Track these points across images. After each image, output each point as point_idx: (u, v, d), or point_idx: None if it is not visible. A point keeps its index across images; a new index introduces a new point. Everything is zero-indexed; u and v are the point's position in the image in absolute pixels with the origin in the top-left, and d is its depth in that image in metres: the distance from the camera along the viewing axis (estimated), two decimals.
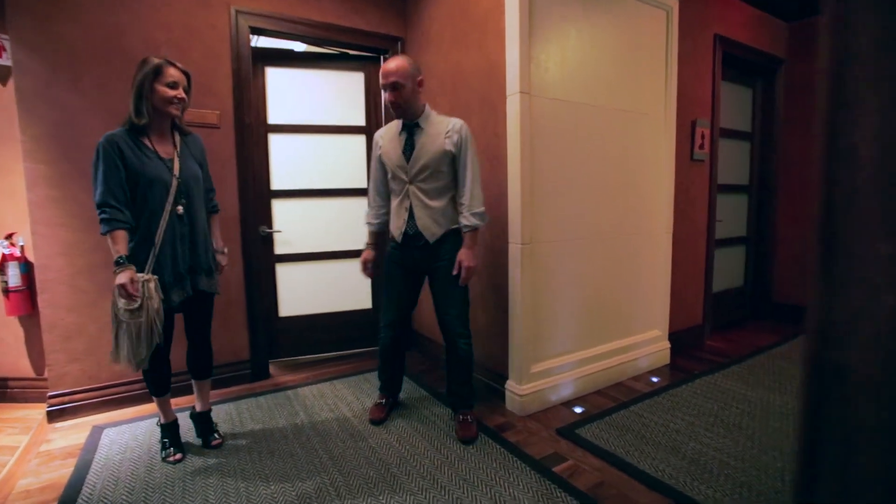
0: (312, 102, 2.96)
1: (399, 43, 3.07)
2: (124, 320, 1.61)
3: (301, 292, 3.06)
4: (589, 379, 2.50)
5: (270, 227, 2.90)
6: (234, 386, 2.66)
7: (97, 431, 2.15)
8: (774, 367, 2.82)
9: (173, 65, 1.69)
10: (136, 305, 1.60)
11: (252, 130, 2.67)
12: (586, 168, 2.43)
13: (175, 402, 2.39)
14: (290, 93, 2.92)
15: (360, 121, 3.14)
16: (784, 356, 3.02)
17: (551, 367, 2.36)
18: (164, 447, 1.92)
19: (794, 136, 3.78)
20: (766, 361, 2.94)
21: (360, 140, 3.15)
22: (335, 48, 3.00)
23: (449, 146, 1.96)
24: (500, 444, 1.97)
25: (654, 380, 2.68)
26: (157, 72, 1.65)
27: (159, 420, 1.97)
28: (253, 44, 2.68)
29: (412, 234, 2.03)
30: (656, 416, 2.22)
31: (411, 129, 2.02)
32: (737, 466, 1.79)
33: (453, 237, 2.04)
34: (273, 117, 2.88)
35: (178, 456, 1.89)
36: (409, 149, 2.00)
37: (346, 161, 3.10)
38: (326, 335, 3.14)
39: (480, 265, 2.52)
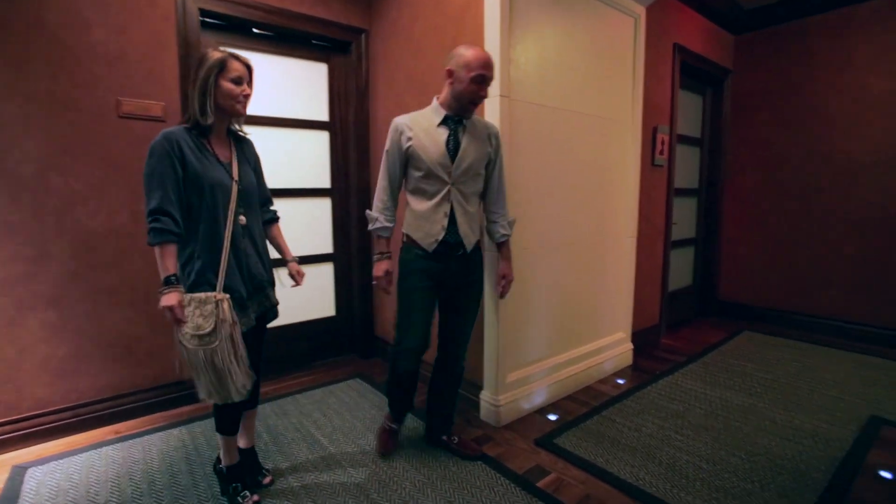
0: (271, 93, 2.73)
1: (363, 35, 2.91)
2: (193, 347, 1.39)
3: None
4: (561, 384, 2.51)
5: None
6: (185, 406, 2.42)
7: (19, 472, 1.85)
8: (727, 365, 2.98)
9: (237, 58, 1.51)
10: (209, 329, 1.39)
11: None
12: (562, 174, 2.42)
13: (97, 433, 2.16)
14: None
15: (324, 115, 2.95)
16: (733, 353, 3.20)
17: (526, 375, 2.34)
18: (230, 492, 1.65)
19: (738, 142, 4.00)
20: (718, 359, 3.10)
21: (323, 137, 2.96)
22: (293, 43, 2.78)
23: (490, 149, 1.84)
24: (482, 461, 1.92)
25: (620, 381, 2.74)
26: (222, 66, 1.46)
27: (219, 463, 1.73)
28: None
29: (452, 243, 1.78)
30: (627, 420, 2.27)
31: (456, 125, 1.78)
32: (710, 470, 1.85)
33: (478, 248, 1.91)
34: None
35: (257, 497, 1.66)
36: (453, 145, 1.76)
37: (307, 159, 2.91)
38: (288, 349, 2.93)
39: None
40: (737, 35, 3.95)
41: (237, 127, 1.65)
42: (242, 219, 1.54)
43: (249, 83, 1.55)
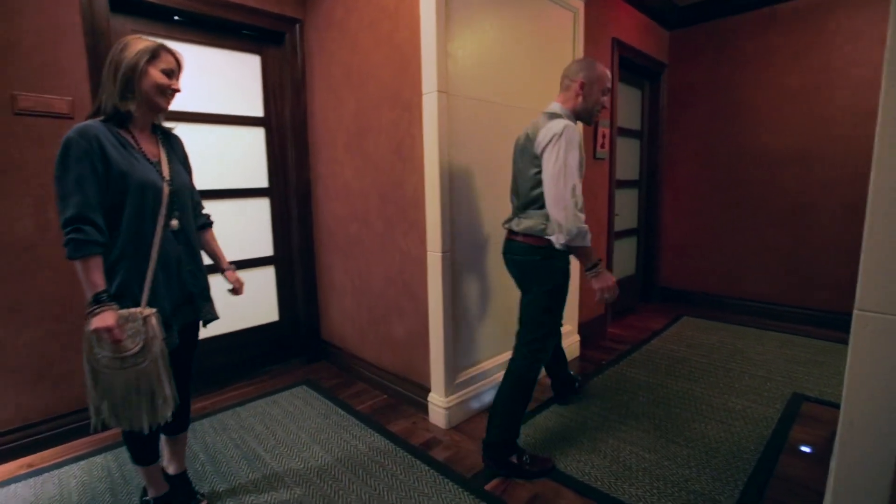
0: (199, 87, 2.53)
1: (297, 25, 2.76)
2: (112, 370, 1.24)
3: None
4: None
5: None
6: (110, 429, 2.23)
7: None
8: (667, 351, 3.10)
9: (169, 51, 1.39)
10: (137, 349, 1.24)
11: None
12: (503, 169, 2.39)
13: (5, 469, 1.96)
14: None
15: (258, 111, 2.78)
16: (674, 339, 3.34)
17: (474, 374, 2.33)
18: None
19: (675, 135, 4.16)
20: (660, 345, 3.22)
21: (258, 134, 2.79)
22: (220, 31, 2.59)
23: None
24: (430, 465, 1.89)
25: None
26: (154, 55, 1.34)
27: (145, 495, 1.57)
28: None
29: None
30: (574, 413, 2.31)
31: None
32: (651, 459, 1.91)
33: None
34: None
35: None
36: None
37: (242, 157, 2.73)
38: (229, 359, 2.77)
39: (395, 272, 2.40)
40: (671, 31, 4.08)
41: (161, 120, 1.49)
42: (175, 223, 1.40)
43: (178, 79, 1.43)
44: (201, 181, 2.54)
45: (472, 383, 2.32)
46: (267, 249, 2.90)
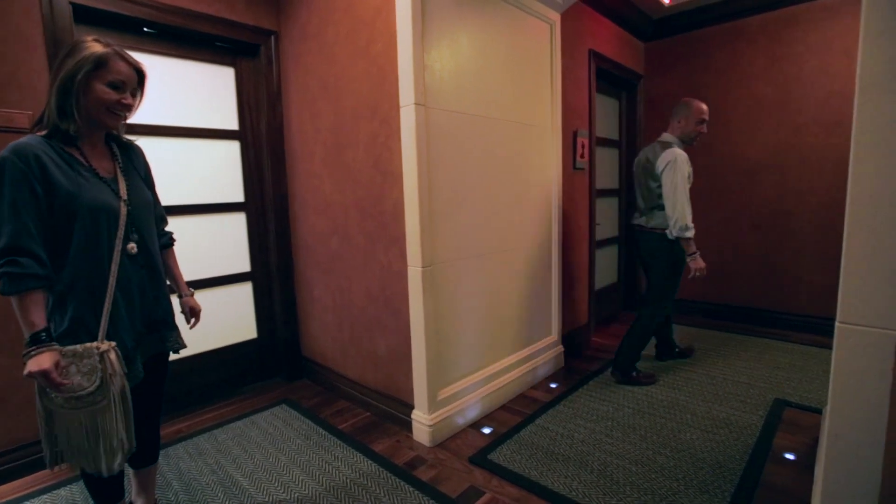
0: (172, 100, 2.46)
1: (272, 37, 2.72)
2: (67, 410, 1.15)
3: None
4: (494, 395, 2.48)
5: None
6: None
7: None
8: (651, 359, 3.10)
9: (124, 58, 1.23)
10: (93, 388, 1.14)
11: None
12: (482, 183, 2.39)
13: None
14: None
15: (233, 124, 2.71)
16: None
17: (458, 390, 2.28)
18: None
19: (650, 143, 4.21)
20: (644, 353, 3.22)
21: (233, 147, 2.73)
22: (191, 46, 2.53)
23: None
24: (414, 486, 1.84)
25: (553, 386, 2.77)
26: (99, 63, 1.18)
27: None
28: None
29: None
30: (560, 426, 2.28)
31: None
32: (638, 472, 1.89)
33: None
34: None
35: None
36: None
37: (216, 171, 2.66)
38: (206, 379, 2.67)
39: (377, 288, 2.35)
40: (646, 42, 4.15)
41: (118, 132, 1.36)
42: (133, 246, 1.27)
43: (136, 91, 1.29)
44: (175, 196, 2.48)
45: (456, 399, 2.27)
46: (244, 265, 2.82)
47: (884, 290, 1.00)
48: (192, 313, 1.57)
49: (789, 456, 1.98)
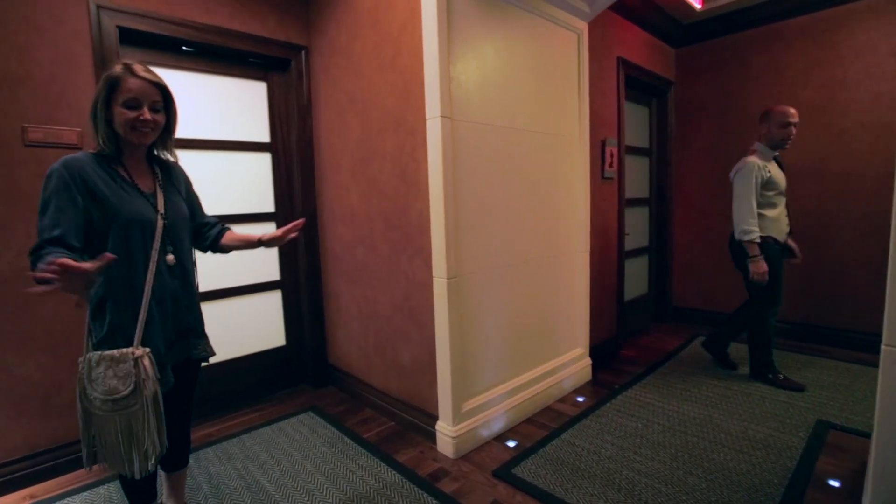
0: (207, 114, 2.56)
1: (303, 52, 2.79)
2: (104, 413, 1.21)
3: None
4: (519, 408, 2.45)
5: None
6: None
7: None
8: (682, 375, 3.00)
9: (134, 74, 1.27)
10: (127, 391, 1.20)
11: None
12: (508, 194, 2.37)
13: (7, 500, 1.93)
14: (179, 99, 2.46)
15: (264, 136, 2.80)
16: (688, 361, 3.24)
17: (482, 402, 2.26)
18: None
19: (682, 151, 4.11)
20: (675, 367, 3.13)
21: (265, 159, 2.81)
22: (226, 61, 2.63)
23: None
24: (437, 499, 1.83)
25: (580, 399, 2.71)
26: (112, 87, 1.25)
27: None
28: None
29: (788, 237, 2.79)
30: (587, 441, 2.23)
31: (778, 159, 2.79)
32: (668, 493, 1.82)
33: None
34: None
35: None
36: (783, 172, 2.78)
37: (249, 182, 2.75)
38: (235, 384, 2.74)
39: (401, 298, 2.36)
40: (677, 48, 4.06)
41: (159, 151, 1.45)
42: (171, 258, 1.35)
43: (158, 105, 1.32)
44: (210, 207, 2.56)
45: (481, 411, 2.25)
46: (274, 274, 2.89)
47: None
48: (280, 235, 1.55)
49: (833, 483, 1.87)
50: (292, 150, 2.87)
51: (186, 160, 2.48)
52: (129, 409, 1.22)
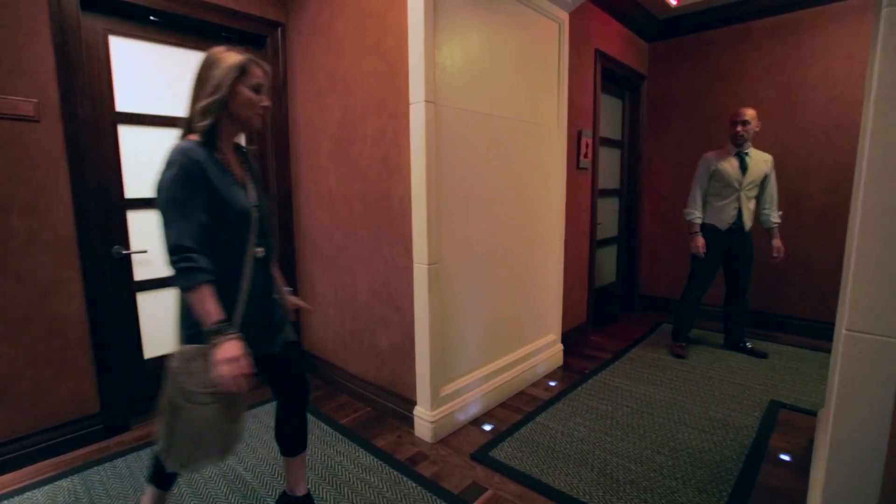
0: (178, 89, 2.43)
1: (279, 29, 2.69)
2: (198, 406, 1.19)
3: (172, 325, 2.50)
4: (495, 392, 2.50)
5: (127, 246, 2.32)
6: (80, 448, 2.12)
7: None
8: (649, 359, 3.14)
9: (258, 64, 1.32)
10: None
11: (91, 123, 2.12)
12: (488, 181, 2.39)
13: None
14: (147, 73, 2.33)
15: None
16: (654, 346, 3.39)
17: (459, 387, 2.30)
18: None
19: (653, 144, 4.24)
20: (641, 353, 3.26)
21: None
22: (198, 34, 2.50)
23: (767, 169, 2.98)
24: (416, 482, 1.86)
25: (552, 384, 2.79)
26: (243, 71, 1.27)
27: None
28: None
29: (736, 227, 2.99)
30: (560, 424, 2.30)
31: (742, 156, 2.96)
32: (637, 471, 1.92)
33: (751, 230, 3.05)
34: (124, 103, 2.27)
35: None
36: (743, 169, 2.95)
37: None
38: None
39: (380, 284, 2.36)
40: (650, 43, 4.16)
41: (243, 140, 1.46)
42: (260, 250, 1.35)
43: (266, 93, 1.37)
44: None
45: (458, 396, 2.29)
46: None
47: (890, 299, 1.02)
48: (296, 308, 1.63)
49: (785, 457, 2.02)
50: (266, 130, 2.77)
51: (152, 138, 2.37)
52: (226, 400, 1.23)
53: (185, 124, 1.29)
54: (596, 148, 3.48)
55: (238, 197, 1.28)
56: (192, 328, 1.25)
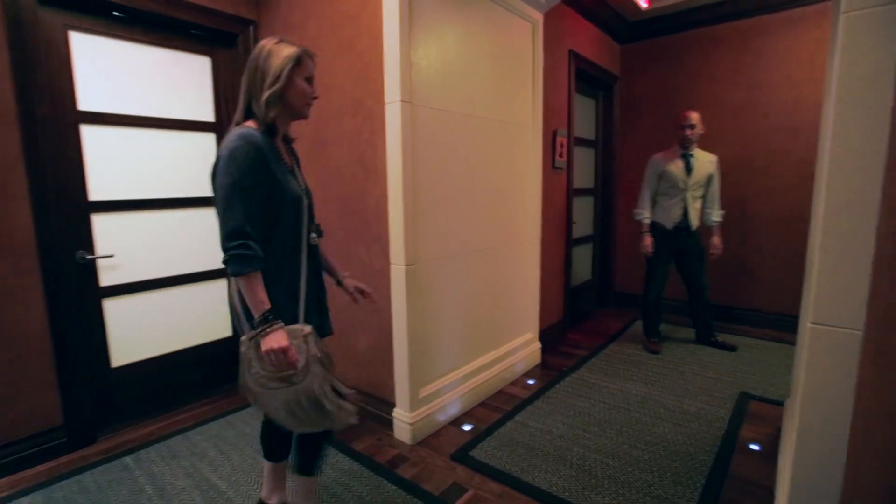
0: (145, 88, 2.35)
1: (251, 27, 2.64)
2: (270, 391, 1.24)
3: (142, 331, 2.42)
4: (473, 392, 2.51)
5: (92, 251, 2.23)
6: (43, 463, 2.03)
7: None
8: (624, 356, 3.20)
9: (311, 56, 1.35)
10: (301, 367, 1.23)
11: (51, 123, 2.03)
12: (465, 181, 2.39)
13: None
14: (112, 71, 2.24)
15: (209, 115, 2.62)
16: (629, 342, 3.46)
17: (438, 387, 2.30)
18: None
19: (625, 144, 4.33)
20: (617, 349, 3.32)
21: (209, 139, 2.64)
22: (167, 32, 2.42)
23: (712, 170, 3.07)
24: (397, 484, 1.84)
25: (530, 382, 2.82)
26: (298, 61, 1.30)
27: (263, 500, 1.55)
28: None
29: (682, 226, 3.09)
30: (539, 422, 2.32)
31: (688, 157, 3.06)
32: (615, 466, 1.95)
33: (699, 229, 3.13)
34: (87, 102, 2.17)
35: None
36: (689, 169, 3.04)
37: (193, 164, 2.57)
38: (180, 378, 2.58)
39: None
40: (622, 44, 4.24)
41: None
42: (315, 237, 1.40)
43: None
44: (145, 189, 2.39)
45: (437, 396, 2.29)
46: (218, 262, 2.73)
47: (852, 293, 1.06)
48: (360, 291, 1.62)
49: (754, 447, 2.08)
50: None
51: (119, 137, 2.29)
52: (298, 386, 1.24)
53: (240, 113, 1.30)
54: (571, 147, 3.53)
55: (291, 184, 1.31)
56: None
